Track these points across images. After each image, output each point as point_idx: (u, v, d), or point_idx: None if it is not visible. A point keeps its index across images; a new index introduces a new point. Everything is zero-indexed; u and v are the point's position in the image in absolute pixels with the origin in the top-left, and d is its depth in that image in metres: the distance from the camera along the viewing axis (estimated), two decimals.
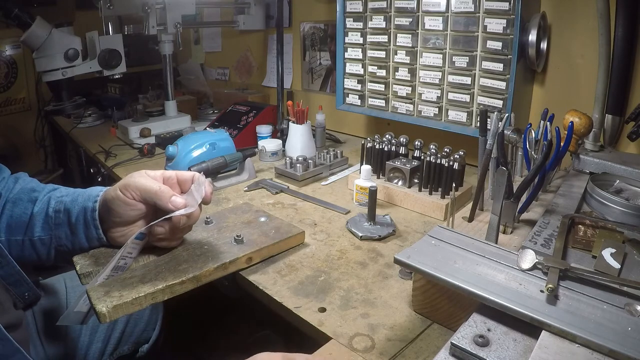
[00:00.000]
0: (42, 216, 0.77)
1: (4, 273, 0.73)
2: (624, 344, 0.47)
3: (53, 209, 0.78)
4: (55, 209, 0.78)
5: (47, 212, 0.77)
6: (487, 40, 1.18)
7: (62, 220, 0.77)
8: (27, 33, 1.52)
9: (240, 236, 0.85)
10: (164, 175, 0.75)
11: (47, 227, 0.77)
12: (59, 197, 0.79)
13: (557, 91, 1.27)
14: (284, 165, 1.32)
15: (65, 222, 0.77)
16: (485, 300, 0.56)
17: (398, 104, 1.43)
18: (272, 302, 0.77)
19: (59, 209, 0.77)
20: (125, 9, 1.64)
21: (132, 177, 0.73)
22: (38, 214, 0.77)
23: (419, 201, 1.09)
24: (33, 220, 0.77)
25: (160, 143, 1.67)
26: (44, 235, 0.77)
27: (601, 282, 0.57)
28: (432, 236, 0.70)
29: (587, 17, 1.14)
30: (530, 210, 0.94)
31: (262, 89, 2.20)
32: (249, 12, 1.99)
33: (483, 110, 0.96)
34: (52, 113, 2.30)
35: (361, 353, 0.64)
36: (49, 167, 2.63)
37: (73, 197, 0.78)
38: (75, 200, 0.78)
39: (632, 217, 0.82)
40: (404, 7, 1.32)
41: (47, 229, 0.77)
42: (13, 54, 2.46)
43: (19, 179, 0.83)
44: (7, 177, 0.82)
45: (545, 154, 0.80)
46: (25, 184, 0.82)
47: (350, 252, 0.92)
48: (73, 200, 0.78)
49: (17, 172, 0.85)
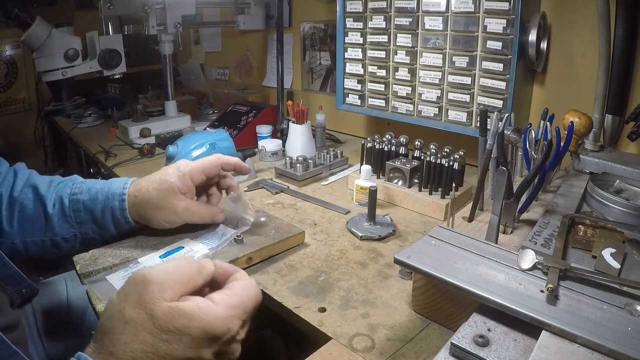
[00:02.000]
0: (59, 216, 0.78)
1: (1, 274, 0.73)
2: (624, 344, 0.47)
3: (70, 208, 0.78)
4: (73, 208, 0.78)
5: (64, 211, 0.78)
6: (487, 40, 1.18)
7: (84, 219, 0.78)
8: (27, 33, 1.52)
9: (240, 236, 0.85)
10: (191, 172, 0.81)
11: (67, 225, 0.78)
12: (73, 196, 0.79)
13: (557, 91, 1.27)
14: (284, 165, 1.32)
15: (89, 220, 0.78)
16: (485, 300, 0.56)
17: (398, 104, 1.43)
18: (272, 302, 0.77)
19: (77, 208, 0.78)
20: (125, 9, 1.64)
21: (179, 170, 0.80)
22: (54, 215, 0.77)
23: (419, 201, 1.09)
24: (51, 223, 0.77)
25: (160, 143, 1.67)
26: (66, 234, 0.78)
27: (601, 282, 0.57)
28: (432, 236, 0.70)
29: (587, 17, 1.14)
30: (530, 210, 0.94)
31: (262, 89, 2.20)
32: (249, 12, 1.99)
33: (483, 110, 0.96)
34: (52, 113, 2.30)
35: (361, 353, 0.64)
36: (49, 167, 2.62)
37: (91, 196, 0.79)
38: (95, 199, 0.78)
39: (632, 217, 0.82)
40: (404, 7, 1.32)
41: (68, 228, 0.78)
42: (13, 54, 2.46)
43: (18, 172, 0.82)
44: (5, 172, 0.81)
45: (545, 154, 0.80)
46: (25, 179, 0.81)
47: (350, 252, 0.92)
48: (92, 199, 0.78)
49: (15, 164, 0.85)
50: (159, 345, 0.43)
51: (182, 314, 0.43)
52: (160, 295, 0.44)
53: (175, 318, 0.43)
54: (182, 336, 0.43)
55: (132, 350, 0.43)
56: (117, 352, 0.43)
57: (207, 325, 0.44)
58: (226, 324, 0.45)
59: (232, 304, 0.47)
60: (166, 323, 0.43)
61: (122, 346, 0.43)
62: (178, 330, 0.43)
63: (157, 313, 0.43)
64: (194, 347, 0.44)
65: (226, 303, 0.46)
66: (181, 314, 0.43)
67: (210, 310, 0.45)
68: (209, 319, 0.44)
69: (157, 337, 0.43)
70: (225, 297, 0.47)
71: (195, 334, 0.44)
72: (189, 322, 0.43)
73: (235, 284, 0.50)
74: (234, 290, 0.49)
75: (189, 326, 0.43)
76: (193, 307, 0.44)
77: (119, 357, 0.43)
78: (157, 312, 0.43)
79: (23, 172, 0.83)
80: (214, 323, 0.44)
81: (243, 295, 0.48)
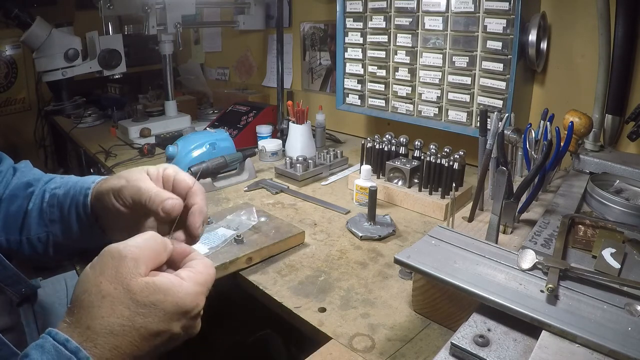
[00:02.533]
0: (37, 212, 0.72)
1: (0, 276, 0.72)
2: (624, 344, 0.47)
3: (47, 203, 0.72)
4: (49, 202, 0.72)
5: (42, 207, 0.72)
6: (487, 40, 1.18)
7: (56, 216, 0.72)
8: (27, 33, 1.52)
9: (240, 236, 0.85)
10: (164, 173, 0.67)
11: (42, 223, 0.72)
12: (53, 190, 0.73)
13: (557, 91, 1.27)
14: (284, 165, 1.32)
15: (58, 219, 0.71)
16: (485, 300, 0.56)
17: (398, 104, 1.43)
18: (272, 302, 0.77)
19: (52, 203, 0.72)
20: (125, 9, 1.64)
21: (130, 179, 0.65)
22: (32, 210, 0.72)
23: (419, 201, 1.09)
24: (28, 218, 0.72)
25: (160, 143, 1.67)
26: (40, 233, 0.72)
27: (601, 282, 0.57)
28: (432, 236, 0.70)
29: (587, 17, 1.14)
30: (530, 210, 0.94)
31: (262, 89, 2.20)
32: (249, 12, 1.99)
33: (483, 110, 0.96)
34: (52, 113, 2.30)
35: (361, 353, 0.64)
36: (49, 167, 2.62)
37: (66, 190, 0.72)
38: (67, 193, 0.71)
39: (632, 217, 0.82)
40: (404, 7, 1.32)
41: (42, 225, 0.72)
42: (13, 54, 2.46)
43: (18, 170, 0.78)
44: (6, 171, 0.78)
45: (545, 154, 0.80)
46: (22, 177, 0.77)
47: (350, 252, 0.92)
48: (65, 194, 0.71)
49: (20, 161, 0.81)
50: (136, 318, 0.45)
51: (157, 290, 0.46)
52: (135, 270, 0.46)
53: (151, 293, 0.45)
54: (157, 310, 0.45)
55: (110, 323, 0.44)
56: (94, 325, 0.44)
57: (179, 301, 0.47)
58: (195, 300, 0.48)
59: (199, 281, 0.49)
60: (143, 298, 0.45)
61: (99, 319, 0.44)
62: (153, 304, 0.45)
63: (134, 288, 0.45)
64: (166, 321, 0.46)
65: (193, 280, 0.49)
66: (157, 289, 0.46)
67: (182, 287, 0.47)
68: (181, 294, 0.47)
69: (133, 311, 0.45)
70: (192, 274, 0.49)
71: (169, 309, 0.46)
72: (164, 297, 0.46)
73: (196, 263, 0.52)
74: (197, 268, 0.51)
75: (163, 301, 0.46)
76: (167, 282, 0.47)
77: (96, 330, 0.44)
78: (133, 287, 0.45)
79: (22, 171, 0.79)
80: (185, 299, 0.47)
81: (206, 274, 0.51)
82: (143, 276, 0.46)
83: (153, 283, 0.46)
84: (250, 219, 0.92)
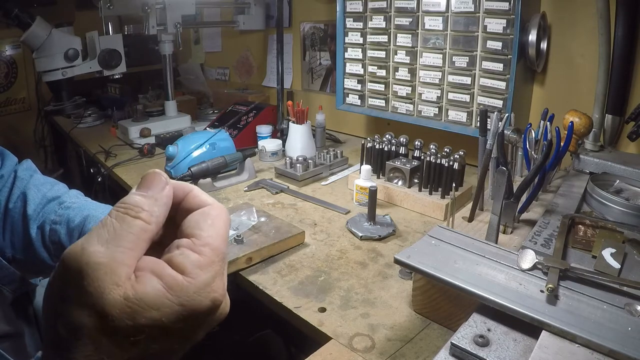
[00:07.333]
0: (40, 243, 0.75)
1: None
2: (624, 344, 0.47)
3: (49, 239, 0.75)
4: (52, 240, 0.75)
5: (44, 241, 0.75)
6: (487, 40, 1.18)
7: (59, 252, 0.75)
8: (27, 33, 1.52)
9: (240, 236, 0.85)
10: None
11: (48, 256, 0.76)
12: (54, 225, 0.76)
13: (557, 91, 1.27)
14: (284, 165, 1.32)
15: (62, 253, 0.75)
16: (485, 300, 0.56)
17: (398, 104, 1.43)
18: (272, 302, 0.77)
19: (54, 240, 0.75)
20: (125, 9, 1.64)
21: None
22: (36, 240, 0.76)
23: (419, 201, 1.09)
24: (32, 245, 0.75)
25: (160, 143, 1.67)
26: (47, 261, 0.76)
27: (601, 282, 0.57)
28: (432, 236, 0.70)
29: (587, 17, 1.14)
30: (530, 210, 0.94)
31: (262, 89, 2.20)
32: (249, 12, 1.99)
33: (483, 110, 0.96)
34: (52, 113, 2.30)
35: (361, 353, 0.64)
36: (49, 167, 2.62)
37: (69, 230, 0.75)
38: (72, 236, 0.74)
39: (632, 217, 0.82)
40: (404, 7, 1.32)
41: (48, 257, 0.76)
42: (13, 54, 2.46)
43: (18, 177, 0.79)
44: (7, 176, 0.79)
45: (545, 154, 0.80)
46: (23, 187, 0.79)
47: (350, 252, 0.92)
48: (69, 234, 0.74)
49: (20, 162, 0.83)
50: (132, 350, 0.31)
51: (144, 305, 0.30)
52: (111, 281, 0.30)
53: (137, 313, 0.30)
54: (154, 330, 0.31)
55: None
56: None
57: (183, 310, 0.31)
58: (208, 297, 0.32)
59: (206, 262, 0.32)
60: (126, 323, 0.30)
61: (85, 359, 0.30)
62: (147, 327, 0.30)
63: (111, 311, 0.29)
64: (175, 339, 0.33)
65: (198, 266, 0.32)
66: (142, 305, 0.30)
67: (180, 288, 0.31)
68: (182, 299, 0.31)
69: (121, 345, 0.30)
70: (196, 256, 0.32)
71: (171, 324, 0.31)
72: (157, 312, 0.30)
73: (203, 225, 0.34)
74: (203, 238, 0.33)
75: (158, 318, 0.30)
76: (155, 290, 0.30)
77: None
78: (109, 311, 0.29)
79: (22, 178, 0.80)
80: (191, 303, 0.31)
81: (217, 238, 0.33)
82: (124, 282, 0.30)
83: (135, 298, 0.30)
84: (250, 219, 0.92)
